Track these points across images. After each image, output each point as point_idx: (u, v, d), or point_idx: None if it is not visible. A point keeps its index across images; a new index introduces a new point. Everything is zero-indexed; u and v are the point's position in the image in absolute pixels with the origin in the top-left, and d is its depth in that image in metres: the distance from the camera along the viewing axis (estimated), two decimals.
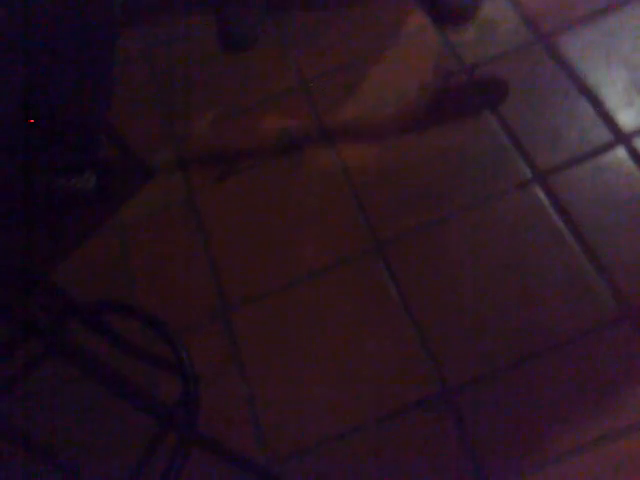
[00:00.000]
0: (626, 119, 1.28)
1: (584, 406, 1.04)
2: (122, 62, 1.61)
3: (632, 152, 1.24)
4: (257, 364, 1.21)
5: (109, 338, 1.20)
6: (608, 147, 1.26)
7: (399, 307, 1.20)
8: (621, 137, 1.26)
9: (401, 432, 1.09)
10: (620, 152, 1.25)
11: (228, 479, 1.08)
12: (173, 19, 1.73)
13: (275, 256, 1.31)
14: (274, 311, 1.25)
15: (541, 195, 1.24)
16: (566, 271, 1.16)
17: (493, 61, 1.44)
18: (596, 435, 1.01)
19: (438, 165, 1.34)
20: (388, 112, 1.43)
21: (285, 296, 1.26)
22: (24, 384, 1.08)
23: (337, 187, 1.36)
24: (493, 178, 1.29)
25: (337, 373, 1.16)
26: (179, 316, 1.28)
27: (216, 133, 1.51)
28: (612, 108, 1.30)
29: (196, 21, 1.71)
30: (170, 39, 1.69)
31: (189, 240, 1.37)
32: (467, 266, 1.21)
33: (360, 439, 1.10)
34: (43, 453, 0.92)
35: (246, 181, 1.42)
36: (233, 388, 1.19)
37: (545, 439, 1.03)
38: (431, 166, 1.34)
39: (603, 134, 1.27)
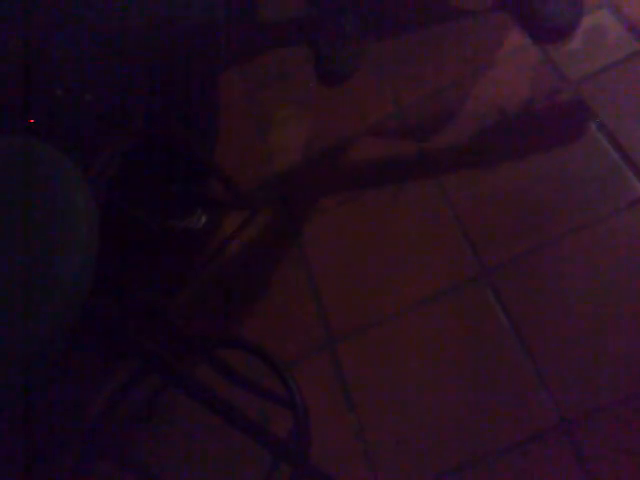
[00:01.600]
0: None
1: None
2: (226, 103, 1.69)
3: None
4: (364, 395, 1.21)
5: (222, 371, 1.26)
6: None
7: (511, 336, 1.16)
8: None
9: (519, 468, 1.05)
10: None
11: None
12: (267, 57, 1.80)
13: (378, 287, 1.31)
14: (380, 342, 1.25)
15: None
16: None
17: (599, 73, 1.39)
18: None
19: (544, 187, 1.29)
20: (489, 135, 1.41)
21: (391, 327, 1.26)
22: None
23: (438, 215, 1.35)
24: (603, 197, 1.24)
25: (449, 405, 1.14)
26: (286, 348, 1.31)
27: (317, 165, 1.55)
28: None
29: (290, 57, 1.76)
30: (266, 78, 1.75)
31: (293, 272, 1.40)
32: (582, 291, 1.16)
33: (479, 470, 1.07)
34: None
35: (347, 212, 1.44)
36: (342, 420, 1.20)
37: None
38: (537, 188, 1.30)
39: None
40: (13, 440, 1.14)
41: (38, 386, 0.62)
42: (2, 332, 0.63)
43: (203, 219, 1.43)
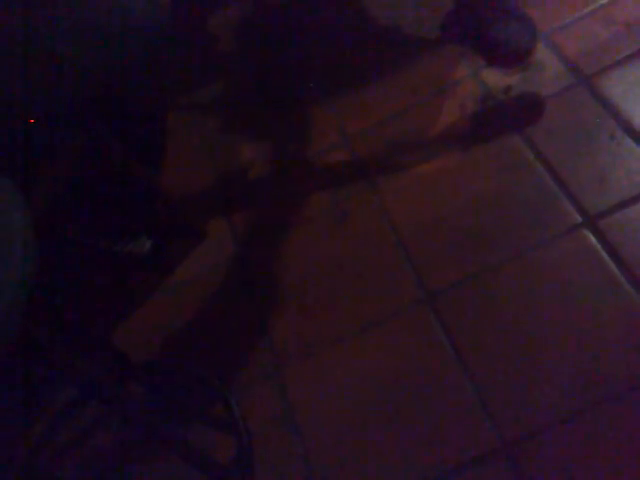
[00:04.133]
0: None
1: None
2: (173, 129, 1.69)
3: None
4: (309, 420, 1.21)
5: (163, 398, 1.23)
6: None
7: (452, 360, 1.18)
8: None
9: None
10: None
11: None
12: (213, 83, 1.81)
13: (322, 312, 1.32)
14: (323, 367, 1.25)
15: (592, 239, 1.22)
16: (622, 316, 1.12)
17: (539, 104, 1.45)
18: None
19: (485, 210, 1.33)
20: (431, 163, 1.45)
21: (336, 351, 1.26)
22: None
23: (383, 238, 1.38)
24: (542, 223, 1.28)
25: (391, 428, 1.15)
26: (233, 377, 1.29)
27: (262, 190, 1.56)
28: None
29: (235, 82, 1.78)
30: (213, 103, 1.76)
31: (238, 296, 1.40)
32: (521, 315, 1.19)
33: None
34: None
35: (293, 238, 1.45)
36: (287, 445, 1.19)
37: None
38: (478, 211, 1.34)
39: None
40: None
41: None
42: None
43: (148, 244, 1.42)
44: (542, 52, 1.53)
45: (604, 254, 1.19)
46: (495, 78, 1.53)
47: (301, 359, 1.28)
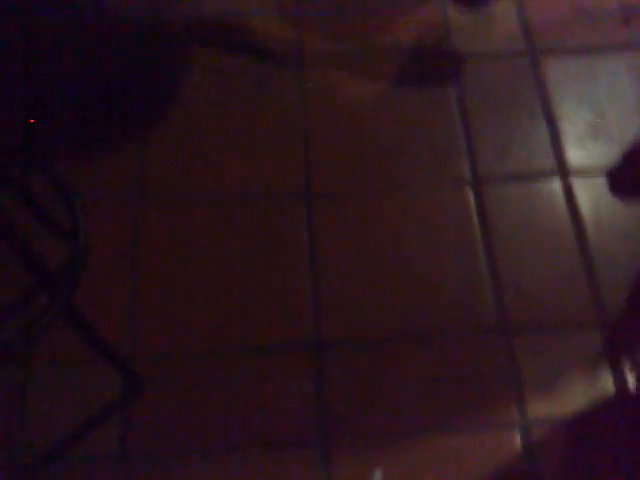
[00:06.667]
0: (573, 157, 1.32)
1: None
2: None
3: (566, 189, 1.29)
4: (151, 263, 1.21)
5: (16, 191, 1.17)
6: (547, 176, 1.30)
7: (305, 251, 1.22)
8: (562, 171, 1.31)
9: (263, 368, 1.13)
10: (556, 185, 1.29)
11: (86, 366, 1.09)
12: None
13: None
14: (181, 221, 1.26)
15: (471, 199, 1.28)
16: (464, 278, 1.20)
17: (481, 55, 1.45)
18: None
19: (391, 137, 1.35)
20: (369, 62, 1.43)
21: (193, 212, 1.27)
22: None
23: (293, 115, 1.37)
24: (435, 166, 1.32)
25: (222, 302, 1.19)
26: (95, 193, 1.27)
27: None
28: (566, 142, 1.34)
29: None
30: None
31: None
32: (383, 241, 1.24)
33: (227, 364, 1.13)
34: None
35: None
36: (119, 277, 1.19)
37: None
38: (386, 137, 1.35)
39: (547, 163, 1.31)
40: None
41: None
42: None
43: None
44: (507, 6, 1.52)
45: (475, 216, 1.26)
46: (455, 13, 1.51)
47: (163, 205, 1.27)
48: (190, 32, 1.48)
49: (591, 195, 1.28)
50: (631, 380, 1.11)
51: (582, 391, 1.10)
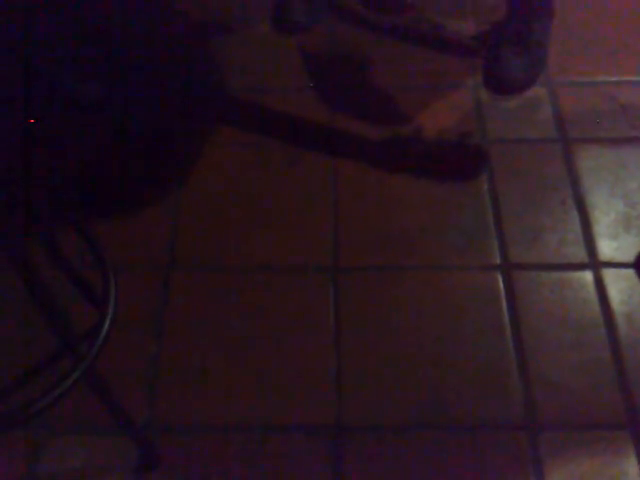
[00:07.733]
0: (605, 249, 1.31)
1: None
2: None
3: (597, 281, 1.27)
4: (177, 331, 1.22)
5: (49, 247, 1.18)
6: (578, 267, 1.29)
7: (330, 329, 1.21)
8: (594, 263, 1.29)
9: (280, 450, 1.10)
10: (587, 276, 1.28)
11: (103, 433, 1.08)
12: None
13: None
14: (210, 285, 1.27)
15: (500, 284, 1.27)
16: (490, 366, 1.18)
17: (513, 142, 1.47)
18: None
19: (422, 215, 1.36)
20: (399, 146, 1.46)
21: (228, 278, 1.28)
22: None
23: (323, 192, 1.39)
24: (465, 249, 1.32)
25: (254, 365, 1.18)
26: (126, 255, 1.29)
27: None
28: (597, 233, 1.33)
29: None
30: None
31: None
32: (406, 320, 1.23)
33: (245, 440, 1.11)
34: None
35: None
36: (144, 344, 1.19)
37: None
38: (416, 213, 1.36)
39: (579, 253, 1.30)
40: None
41: None
42: None
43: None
44: (543, 96, 1.55)
45: (504, 302, 1.25)
46: (489, 98, 1.54)
47: (194, 267, 1.28)
48: (222, 106, 1.54)
49: (622, 287, 1.26)
50: None
51: None
